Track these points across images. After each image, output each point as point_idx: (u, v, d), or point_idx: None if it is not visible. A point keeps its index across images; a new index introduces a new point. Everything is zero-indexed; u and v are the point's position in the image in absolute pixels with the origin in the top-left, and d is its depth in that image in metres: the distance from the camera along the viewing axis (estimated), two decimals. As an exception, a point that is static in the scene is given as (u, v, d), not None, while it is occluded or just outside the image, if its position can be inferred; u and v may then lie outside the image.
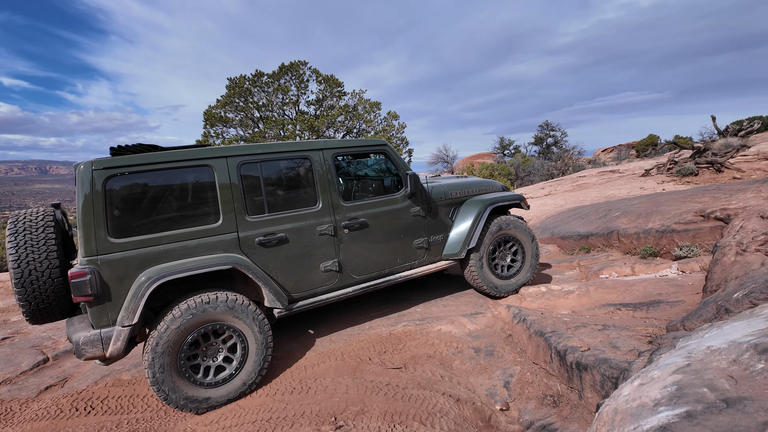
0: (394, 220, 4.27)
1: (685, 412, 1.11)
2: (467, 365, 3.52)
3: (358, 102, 14.47)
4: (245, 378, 3.32)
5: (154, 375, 3.04)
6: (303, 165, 3.91)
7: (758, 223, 3.91)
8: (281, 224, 3.69)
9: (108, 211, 3.10)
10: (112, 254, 3.08)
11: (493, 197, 4.75)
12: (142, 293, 3.04)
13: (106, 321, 3.07)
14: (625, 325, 3.36)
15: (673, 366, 1.39)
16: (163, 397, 3.09)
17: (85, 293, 2.95)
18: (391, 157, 4.40)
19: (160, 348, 3.06)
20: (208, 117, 12.65)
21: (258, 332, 3.37)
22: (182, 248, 3.29)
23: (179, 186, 3.40)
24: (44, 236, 3.23)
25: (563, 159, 23.27)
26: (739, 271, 3.16)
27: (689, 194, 6.80)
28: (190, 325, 3.15)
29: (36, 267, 3.16)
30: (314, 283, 3.84)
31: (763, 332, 1.37)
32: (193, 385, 3.18)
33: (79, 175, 3.09)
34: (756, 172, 11.77)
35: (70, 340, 3.15)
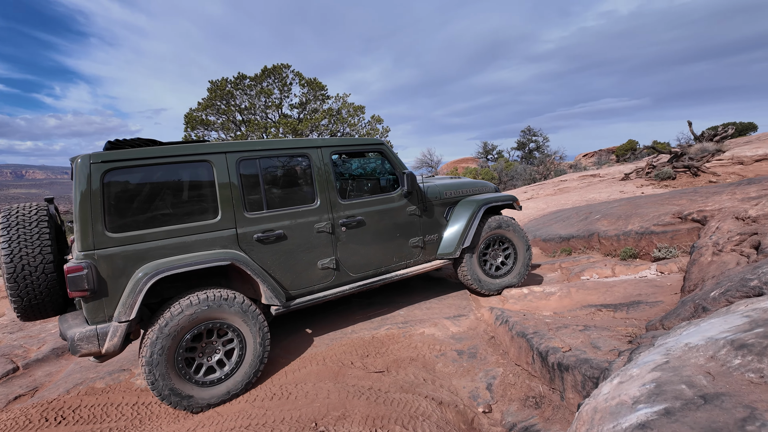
0: (391, 219, 4.30)
1: (664, 409, 1.10)
2: (450, 368, 3.50)
3: (342, 106, 14.43)
4: (242, 376, 3.30)
5: (151, 372, 2.99)
6: (302, 162, 3.93)
7: (733, 224, 3.99)
8: (279, 221, 3.68)
9: (106, 205, 3.06)
10: (109, 249, 3.03)
11: (487, 197, 4.82)
12: (140, 289, 2.99)
13: (102, 317, 3.01)
14: (605, 325, 3.38)
15: (651, 364, 1.38)
16: (158, 395, 3.04)
17: (81, 288, 2.90)
18: (388, 156, 4.43)
19: (159, 345, 3.01)
20: (189, 120, 12.45)
21: (256, 330, 3.35)
22: (180, 244, 3.25)
23: (178, 181, 3.38)
24: (38, 231, 3.17)
25: (545, 164, 23.59)
26: (716, 270, 3.21)
27: (667, 197, 6.93)
28: (190, 322, 3.11)
29: (29, 262, 3.10)
30: (311, 281, 3.83)
31: (740, 328, 1.38)
32: (190, 383, 3.14)
33: (76, 169, 3.04)
34: (731, 176, 12.09)
35: (63, 337, 3.09)
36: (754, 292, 2.02)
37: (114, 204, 3.10)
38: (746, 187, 6.13)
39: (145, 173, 3.24)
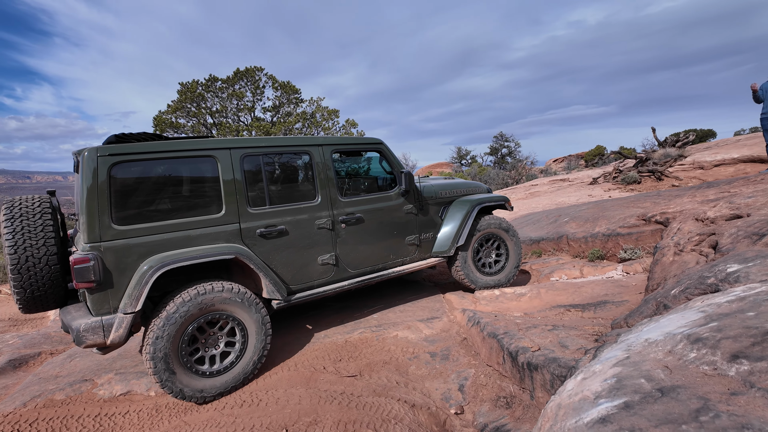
0: (389, 217, 4.39)
1: (623, 403, 1.12)
2: (423, 370, 3.50)
3: (316, 109, 14.36)
4: (243, 368, 3.36)
5: (155, 361, 3.03)
6: (303, 160, 4.03)
7: (693, 225, 4.15)
8: (282, 217, 3.75)
9: (112, 198, 3.09)
10: (115, 241, 3.06)
11: (480, 198, 4.96)
12: (146, 280, 3.03)
13: (107, 308, 3.04)
14: (573, 325, 3.45)
15: (613, 359, 1.42)
16: (162, 385, 3.07)
17: (87, 279, 2.92)
18: (386, 155, 4.54)
19: (164, 333, 3.05)
20: (158, 123, 12.14)
21: (259, 323, 3.42)
22: (185, 237, 3.30)
23: (183, 175, 3.44)
24: (42, 222, 3.20)
25: (517, 168, 24.05)
26: (677, 270, 3.33)
27: (632, 200, 7.16)
28: (197, 311, 3.17)
29: (33, 253, 3.13)
30: (312, 276, 3.90)
31: (696, 323, 1.43)
32: (193, 373, 3.18)
33: (83, 162, 3.06)
34: (692, 180, 12.60)
35: (66, 329, 3.15)
36: (711, 289, 2.10)
37: (120, 197, 3.14)
38: (706, 190, 6.40)
39: (150, 167, 3.28)
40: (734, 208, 4.01)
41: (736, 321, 1.34)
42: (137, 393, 3.44)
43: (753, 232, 2.92)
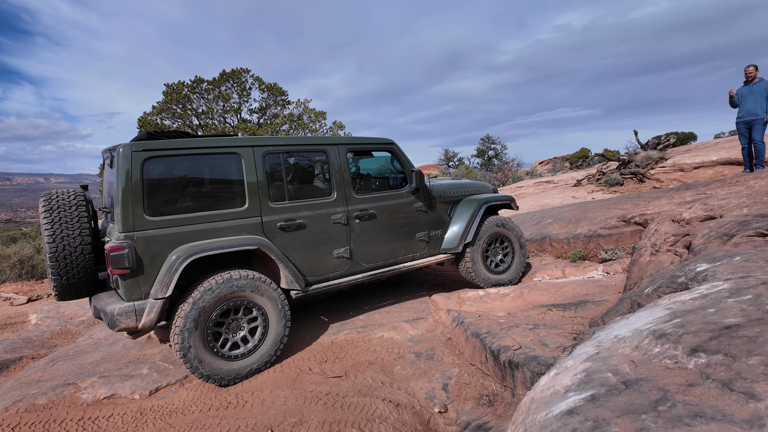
0: (400, 213, 4.59)
1: (590, 396, 1.18)
2: (408, 370, 3.55)
3: (303, 111, 14.35)
4: (265, 353, 3.57)
5: (183, 342, 3.22)
6: (320, 158, 4.24)
7: (669, 226, 4.28)
8: (300, 211, 3.96)
9: (145, 191, 3.30)
10: (147, 231, 3.28)
11: (487, 197, 5.16)
12: (176, 268, 3.23)
13: (139, 294, 3.24)
14: (554, 324, 3.54)
15: (584, 355, 1.48)
16: (188, 365, 3.26)
17: (122, 266, 3.14)
18: (397, 154, 4.73)
19: (192, 316, 3.25)
20: (143, 124, 12.02)
21: (280, 311, 3.63)
22: (211, 229, 3.52)
23: (210, 171, 3.67)
24: (77, 214, 3.43)
25: (503, 170, 24.30)
26: (653, 269, 3.43)
27: (614, 202, 7.31)
28: (224, 296, 3.38)
29: (70, 243, 3.35)
30: (328, 268, 4.10)
31: (661, 319, 1.50)
32: (217, 357, 3.38)
33: (119, 156, 3.28)
34: (672, 182, 12.89)
35: (98, 315, 3.39)
36: (682, 288, 2.19)
37: (152, 190, 3.34)
38: (683, 192, 6.57)
39: (180, 162, 3.50)
40: (708, 210, 4.15)
41: (697, 317, 1.41)
42: (121, 396, 3.43)
43: (723, 233, 3.03)
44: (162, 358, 3.93)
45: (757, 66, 8.02)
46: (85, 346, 4.60)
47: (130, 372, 3.72)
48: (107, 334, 4.89)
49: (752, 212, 3.51)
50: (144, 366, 3.80)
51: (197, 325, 3.28)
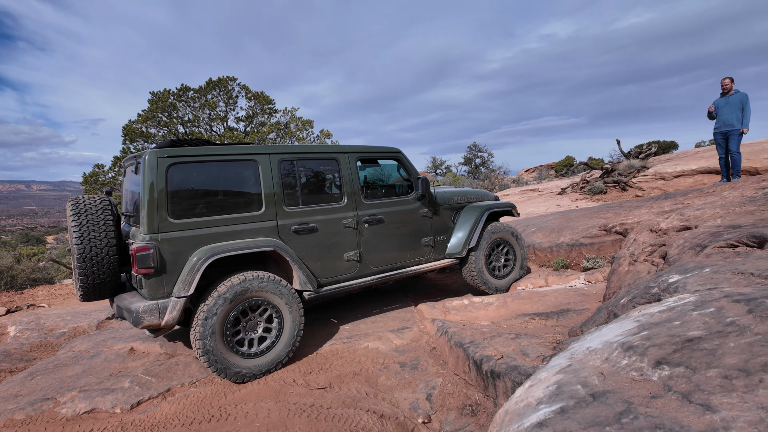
0: (406, 219, 4.80)
1: (560, 408, 1.23)
2: (392, 380, 3.57)
3: (290, 119, 14.36)
4: (279, 352, 3.74)
5: (203, 340, 3.40)
6: (332, 165, 4.46)
7: (648, 236, 4.38)
8: (313, 216, 4.17)
9: (169, 194, 3.50)
10: (171, 233, 3.47)
11: (489, 204, 5.38)
12: (198, 267, 3.42)
13: (162, 293, 3.43)
14: (535, 333, 3.59)
15: (557, 367, 1.53)
16: (208, 363, 3.43)
17: (147, 265, 3.33)
18: (403, 162, 4.96)
19: (213, 315, 3.43)
20: (127, 132, 11.92)
21: (295, 311, 3.81)
22: (230, 231, 3.72)
23: (229, 176, 3.86)
24: (103, 217, 3.64)
25: (490, 178, 24.55)
26: (631, 279, 3.51)
27: (596, 211, 7.45)
28: (242, 296, 3.57)
29: (96, 244, 3.55)
30: (338, 271, 4.30)
31: (630, 332, 1.56)
32: (235, 354, 3.56)
33: (145, 162, 3.48)
34: (654, 191, 13.15)
35: (120, 315, 3.63)
36: (655, 298, 2.26)
37: (176, 194, 3.54)
38: (663, 201, 6.73)
39: (202, 168, 3.70)
40: (684, 220, 4.26)
41: (663, 329, 1.47)
42: (102, 410, 3.39)
43: (697, 243, 3.13)
44: (144, 371, 3.89)
45: (732, 78, 8.28)
46: (66, 359, 4.53)
47: (111, 385, 3.68)
48: (88, 346, 4.83)
49: (725, 223, 3.62)
50: (125, 379, 3.75)
51: (217, 322, 3.45)
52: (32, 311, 7.23)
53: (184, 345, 4.52)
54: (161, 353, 4.36)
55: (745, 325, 1.40)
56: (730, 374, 1.17)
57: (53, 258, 15.97)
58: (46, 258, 15.21)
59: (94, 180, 11.93)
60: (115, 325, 5.85)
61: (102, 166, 12.31)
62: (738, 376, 1.15)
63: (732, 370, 1.18)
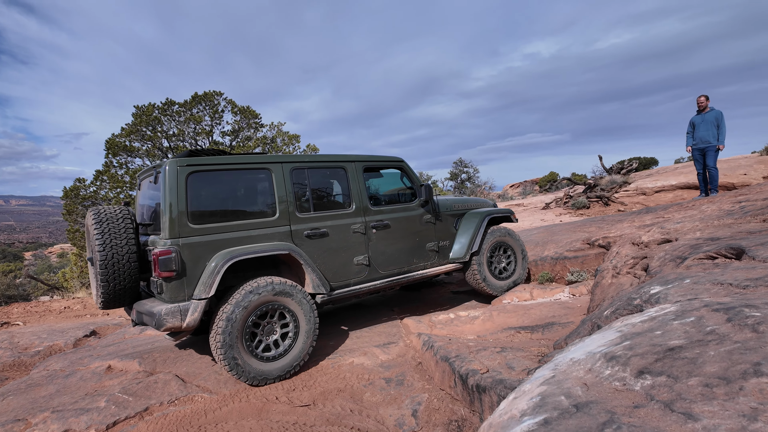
0: (412, 225, 4.98)
1: (543, 420, 1.21)
2: (378, 396, 3.51)
3: (276, 134, 14.35)
4: (296, 355, 3.85)
5: (224, 342, 3.49)
6: (340, 173, 4.62)
7: (630, 249, 4.44)
8: (323, 221, 4.32)
9: (189, 201, 3.64)
10: (191, 237, 3.61)
11: (490, 210, 5.60)
12: (218, 270, 3.55)
13: (183, 296, 3.54)
14: (521, 346, 3.58)
15: (541, 378, 1.52)
16: (227, 365, 3.51)
17: (170, 269, 3.45)
18: (406, 171, 5.18)
19: (233, 318, 3.53)
20: (110, 146, 11.76)
21: (310, 316, 3.92)
22: (246, 236, 3.86)
23: (244, 184, 4.05)
24: (124, 226, 3.76)
25: (476, 193, 24.75)
26: (614, 291, 3.54)
27: (579, 225, 7.55)
28: (260, 301, 3.68)
29: (118, 251, 3.66)
30: (349, 274, 4.44)
31: (613, 342, 1.56)
32: (253, 357, 3.66)
33: (165, 171, 3.63)
34: (636, 205, 13.40)
35: (140, 321, 3.72)
36: (637, 309, 2.28)
37: (195, 200, 3.70)
38: (644, 215, 6.85)
39: (219, 176, 3.89)
40: (665, 233, 4.33)
41: (645, 339, 1.47)
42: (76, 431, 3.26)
43: (677, 255, 3.17)
44: (121, 390, 3.76)
45: (708, 96, 8.55)
46: (39, 378, 4.37)
47: (86, 405, 3.55)
48: (64, 365, 4.67)
49: (704, 236, 3.69)
50: (101, 398, 3.63)
51: (238, 324, 3.56)
52: (6, 329, 6.99)
53: (163, 362, 4.40)
54: (140, 371, 4.24)
55: (724, 333, 1.41)
56: (711, 382, 1.17)
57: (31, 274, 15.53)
58: (23, 274, 14.78)
59: (75, 194, 11.70)
60: (93, 343, 5.68)
61: (83, 180, 12.09)
62: (718, 384, 1.15)
63: (713, 378, 1.18)
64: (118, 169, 12.22)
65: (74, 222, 11.67)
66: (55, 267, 23.34)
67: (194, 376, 4.05)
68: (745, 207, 4.59)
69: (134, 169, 12.15)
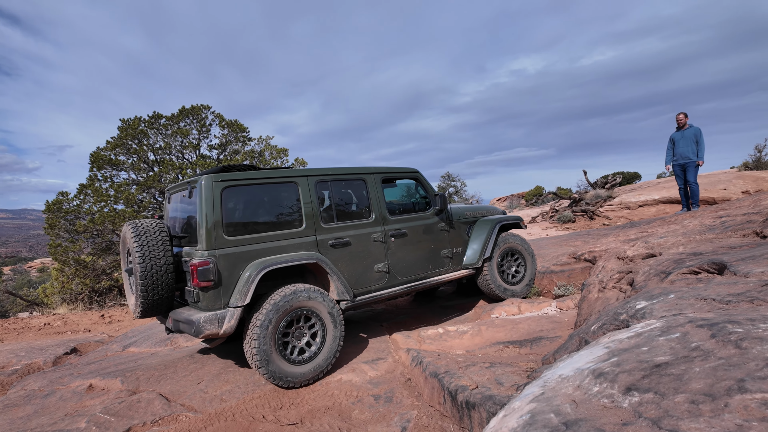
0: (427, 233, 5.14)
1: (533, 438, 1.21)
2: (366, 414, 3.47)
3: (264, 148, 14.32)
4: (324, 358, 4.01)
5: (258, 347, 3.64)
6: (360, 185, 4.80)
7: (615, 264, 4.50)
8: (346, 231, 4.51)
9: (224, 214, 3.83)
10: (226, 249, 3.78)
11: (500, 217, 5.79)
12: (252, 279, 3.71)
13: (219, 304, 3.70)
14: (510, 361, 3.58)
15: (530, 396, 1.52)
16: (260, 366, 3.65)
17: (207, 279, 3.61)
18: (421, 181, 5.37)
19: (268, 322, 3.69)
20: (95, 159, 11.60)
21: (337, 321, 4.10)
22: (276, 246, 4.04)
23: (273, 197, 4.23)
24: (161, 238, 3.95)
25: (464, 207, 24.86)
26: (601, 306, 3.58)
27: (565, 239, 7.63)
28: (293, 306, 3.85)
29: (156, 263, 3.83)
30: (370, 281, 4.61)
31: (601, 358, 1.57)
32: (284, 361, 3.80)
33: (201, 186, 3.83)
34: (620, 219, 13.61)
35: (178, 327, 3.84)
36: (623, 325, 2.30)
37: (229, 213, 3.90)
38: (628, 230, 6.96)
39: (250, 190, 4.08)
40: (649, 248, 4.41)
41: (632, 356, 1.49)
42: (54, 455, 3.16)
43: (661, 270, 3.23)
44: (103, 410, 3.66)
45: (686, 114, 8.79)
46: (17, 398, 4.23)
47: (65, 426, 3.44)
48: (42, 384, 4.54)
49: (687, 250, 3.76)
50: (82, 419, 3.52)
51: (271, 329, 3.71)
52: (-18, 347, 6.76)
53: (147, 380, 4.30)
54: (122, 390, 4.14)
55: (709, 349, 1.43)
56: (697, 399, 1.19)
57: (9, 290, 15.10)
58: (1, 290, 14.38)
59: (58, 208, 11.47)
60: (74, 361, 5.53)
61: (66, 193, 11.87)
62: (704, 401, 1.17)
63: (698, 395, 1.20)
64: (103, 182, 12.03)
65: (56, 236, 11.43)
66: (35, 282, 22.75)
67: (179, 394, 3.96)
68: (726, 222, 4.70)
69: (119, 182, 11.99)
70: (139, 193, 11.75)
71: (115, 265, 11.80)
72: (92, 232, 11.32)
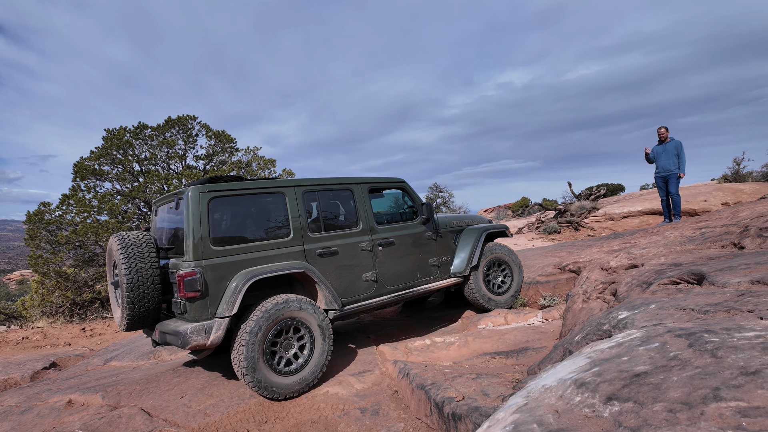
0: (414, 241, 5.18)
1: (516, 449, 1.22)
2: (352, 428, 3.44)
3: (252, 158, 14.28)
4: (312, 369, 3.98)
5: (246, 358, 3.60)
6: (347, 195, 4.83)
7: (599, 274, 4.57)
8: (334, 240, 4.52)
9: (210, 225, 3.82)
10: (213, 259, 3.77)
11: (486, 226, 5.84)
12: (240, 288, 3.71)
13: (206, 315, 3.68)
14: (496, 372, 3.59)
15: (514, 406, 1.53)
16: (250, 377, 3.61)
17: (195, 289, 3.59)
18: (408, 191, 5.41)
19: (255, 332, 3.65)
20: (78, 169, 11.44)
21: (325, 331, 4.08)
22: (264, 256, 4.04)
23: (261, 207, 4.24)
24: (147, 250, 3.91)
25: (451, 218, 24.99)
26: (585, 316, 3.62)
27: (551, 250, 7.72)
28: (279, 317, 3.81)
29: (143, 274, 3.79)
30: (358, 290, 4.62)
31: (582, 368, 1.60)
32: (271, 371, 3.77)
33: (188, 197, 3.82)
34: (605, 230, 13.82)
35: (165, 339, 3.80)
36: (606, 335, 2.34)
37: (216, 224, 3.89)
38: (612, 241, 7.07)
39: (237, 201, 4.09)
40: (632, 258, 4.48)
41: (613, 365, 1.52)
42: (30, 473, 3.07)
43: (643, 281, 3.29)
44: (82, 426, 3.57)
45: (667, 128, 9.02)
46: (-8, 415, 4.10)
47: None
48: (19, 400, 4.41)
49: (668, 261, 3.84)
50: (60, 436, 3.43)
51: (259, 339, 3.69)
52: (-44, 362, 6.55)
53: (128, 395, 4.21)
54: (103, 405, 4.04)
55: (686, 359, 1.47)
56: (675, 408, 1.21)
57: (-14, 303, 14.67)
58: (-23, 303, 13.97)
59: (39, 219, 11.25)
60: (53, 376, 5.40)
61: (48, 204, 11.66)
62: (681, 410, 1.20)
63: (676, 404, 1.22)
64: (86, 193, 11.86)
65: (36, 247, 11.20)
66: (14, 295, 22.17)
67: (161, 409, 3.88)
68: (705, 233, 4.81)
69: (103, 193, 11.82)
70: (124, 203, 11.60)
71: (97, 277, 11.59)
72: (74, 243, 11.12)
